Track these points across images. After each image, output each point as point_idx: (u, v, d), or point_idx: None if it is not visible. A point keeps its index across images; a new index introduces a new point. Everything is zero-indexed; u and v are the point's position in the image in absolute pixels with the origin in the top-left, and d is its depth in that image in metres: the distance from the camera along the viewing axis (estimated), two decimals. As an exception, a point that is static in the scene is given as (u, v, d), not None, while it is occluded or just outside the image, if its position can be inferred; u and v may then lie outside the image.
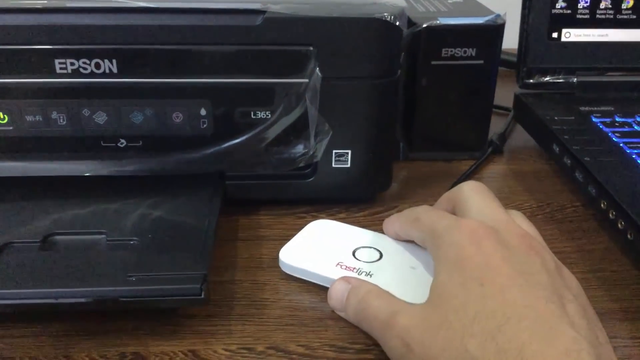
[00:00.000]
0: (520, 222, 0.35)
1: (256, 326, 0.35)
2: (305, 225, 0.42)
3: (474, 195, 0.36)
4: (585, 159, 0.46)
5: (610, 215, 0.42)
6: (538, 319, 0.27)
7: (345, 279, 0.36)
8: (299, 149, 0.44)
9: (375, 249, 0.40)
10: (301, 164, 0.44)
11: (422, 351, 0.29)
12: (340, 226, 0.43)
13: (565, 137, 0.49)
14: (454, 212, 0.37)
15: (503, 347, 0.26)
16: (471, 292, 0.29)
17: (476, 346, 0.27)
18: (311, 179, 0.45)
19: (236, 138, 0.43)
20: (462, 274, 0.30)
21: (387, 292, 0.34)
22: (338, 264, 0.38)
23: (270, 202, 0.46)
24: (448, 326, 0.29)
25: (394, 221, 0.40)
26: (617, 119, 0.53)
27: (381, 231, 0.42)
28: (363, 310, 0.33)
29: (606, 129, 0.51)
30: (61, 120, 0.41)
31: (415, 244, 0.40)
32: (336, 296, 0.35)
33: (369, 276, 0.37)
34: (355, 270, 0.38)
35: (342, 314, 0.36)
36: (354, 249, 0.40)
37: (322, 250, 0.40)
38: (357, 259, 0.39)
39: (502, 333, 0.27)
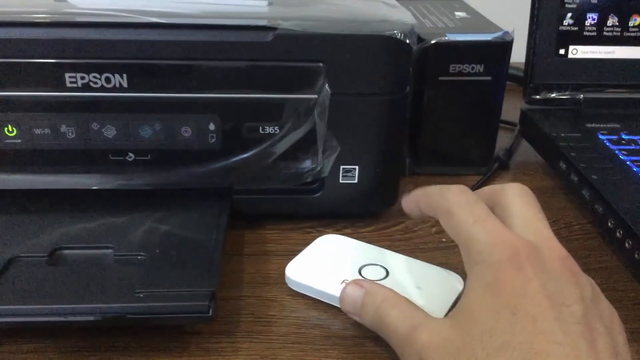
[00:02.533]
0: None
1: (262, 344, 0.35)
2: (312, 240, 0.43)
3: (518, 202, 0.33)
4: (593, 177, 0.46)
5: (618, 234, 0.42)
6: (566, 357, 0.26)
7: (357, 282, 0.35)
8: (307, 164, 0.44)
9: (381, 266, 0.40)
10: (309, 179, 0.44)
11: None
12: (347, 241, 0.43)
13: (572, 154, 0.49)
14: (492, 210, 0.33)
15: None
16: (501, 320, 0.28)
17: None
18: (318, 194, 0.45)
19: (244, 153, 0.43)
20: (496, 299, 0.28)
21: (405, 300, 0.33)
22: (344, 281, 0.38)
23: (276, 216, 0.46)
24: (471, 353, 0.27)
25: (418, 198, 0.36)
26: (624, 137, 0.53)
27: (388, 247, 0.42)
28: (381, 319, 0.32)
29: (613, 147, 0.51)
30: (70, 134, 0.41)
31: (421, 261, 0.40)
32: (349, 300, 0.35)
33: (375, 294, 0.37)
34: (362, 288, 0.38)
35: (356, 318, 0.35)
36: (360, 266, 0.40)
37: (329, 267, 0.40)
38: (363, 277, 0.39)
39: None
